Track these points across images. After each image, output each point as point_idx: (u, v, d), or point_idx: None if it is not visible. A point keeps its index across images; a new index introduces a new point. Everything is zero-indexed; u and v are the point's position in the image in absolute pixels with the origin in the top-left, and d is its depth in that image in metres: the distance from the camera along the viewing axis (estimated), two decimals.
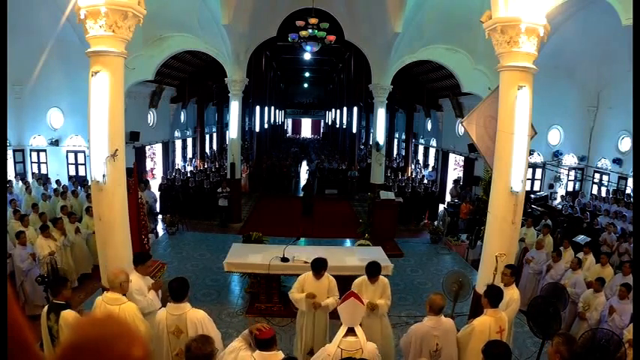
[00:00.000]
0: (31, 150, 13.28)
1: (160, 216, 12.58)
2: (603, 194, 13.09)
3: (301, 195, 15.57)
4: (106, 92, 5.06)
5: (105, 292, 4.29)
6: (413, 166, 20.18)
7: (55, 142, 13.15)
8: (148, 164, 17.72)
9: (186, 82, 17.81)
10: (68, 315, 3.86)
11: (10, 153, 12.55)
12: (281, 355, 3.29)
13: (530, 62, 5.26)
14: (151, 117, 16.39)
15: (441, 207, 14.84)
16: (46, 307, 4.09)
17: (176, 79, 17.22)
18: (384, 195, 11.13)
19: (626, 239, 8.79)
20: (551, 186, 14.42)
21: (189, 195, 13.62)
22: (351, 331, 3.75)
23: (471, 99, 12.97)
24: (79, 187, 11.59)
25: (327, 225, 13.23)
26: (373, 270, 5.08)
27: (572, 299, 6.61)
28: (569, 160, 14.28)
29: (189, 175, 15.57)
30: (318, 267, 5.16)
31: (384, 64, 11.84)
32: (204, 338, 3.04)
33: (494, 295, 4.18)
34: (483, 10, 5.55)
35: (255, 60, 16.17)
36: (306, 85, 45.88)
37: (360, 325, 3.90)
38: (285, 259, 6.82)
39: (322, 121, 47.68)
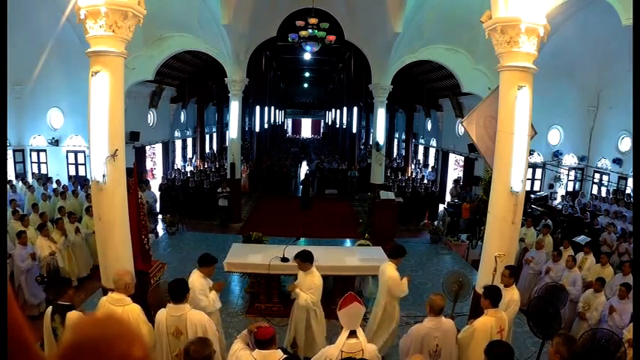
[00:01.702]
0: (31, 150, 13.28)
1: (160, 216, 12.57)
2: (603, 194, 13.09)
3: (300, 192, 15.68)
4: (106, 92, 5.06)
5: (110, 292, 4.27)
6: (413, 166, 20.17)
7: (55, 142, 13.15)
8: (148, 164, 17.71)
9: (186, 82, 17.81)
10: (74, 316, 3.82)
11: (10, 153, 12.55)
12: (280, 353, 3.30)
13: (530, 62, 5.26)
14: (151, 117, 16.40)
15: (441, 207, 14.84)
16: (50, 308, 4.05)
17: (176, 79, 17.22)
18: (384, 195, 11.12)
19: (626, 239, 8.79)
20: (551, 186, 14.42)
21: (189, 195, 13.62)
22: (352, 334, 3.74)
23: (471, 99, 12.97)
24: (79, 187, 11.58)
25: (327, 225, 13.23)
26: (403, 251, 5.54)
27: (572, 298, 6.61)
28: (569, 160, 14.28)
29: (189, 175, 15.57)
30: (299, 258, 5.20)
31: (384, 64, 11.83)
32: (203, 341, 3.05)
33: (493, 295, 4.19)
34: (483, 10, 5.55)
35: (255, 60, 16.17)
36: (306, 85, 45.86)
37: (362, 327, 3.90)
38: (285, 259, 6.81)
39: (322, 121, 47.68)
